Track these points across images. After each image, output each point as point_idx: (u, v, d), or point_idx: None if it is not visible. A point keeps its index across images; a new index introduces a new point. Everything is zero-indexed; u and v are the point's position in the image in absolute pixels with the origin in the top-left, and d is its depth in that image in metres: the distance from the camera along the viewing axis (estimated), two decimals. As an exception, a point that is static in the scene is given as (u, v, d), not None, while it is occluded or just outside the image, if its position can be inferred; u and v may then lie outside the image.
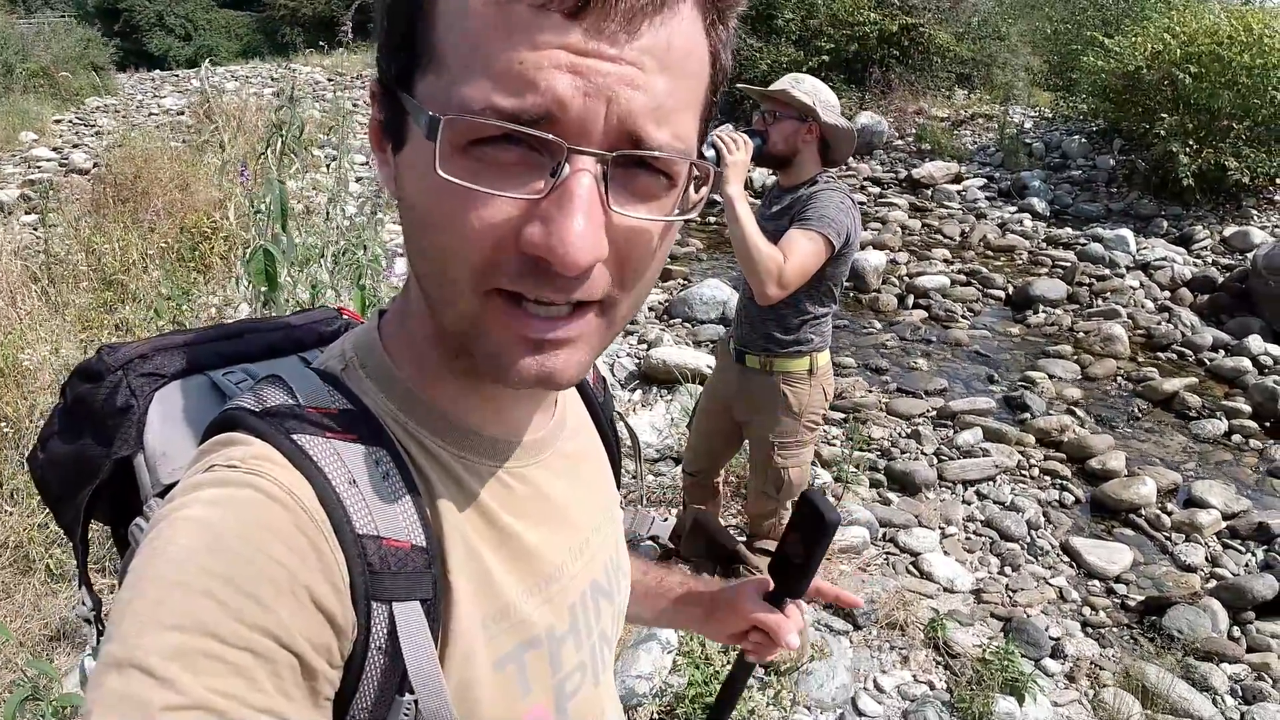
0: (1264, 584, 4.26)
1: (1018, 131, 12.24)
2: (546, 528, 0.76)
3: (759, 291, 2.73)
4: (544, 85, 0.52)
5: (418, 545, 0.64)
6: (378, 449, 0.65)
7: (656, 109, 0.55)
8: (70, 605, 3.37)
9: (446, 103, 0.54)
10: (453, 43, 0.55)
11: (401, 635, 0.62)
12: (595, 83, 0.53)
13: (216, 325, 0.86)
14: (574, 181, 0.54)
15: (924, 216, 10.15)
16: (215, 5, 33.13)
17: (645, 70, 0.55)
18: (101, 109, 13.76)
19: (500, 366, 0.61)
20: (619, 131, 0.55)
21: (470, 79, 0.54)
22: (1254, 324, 7.40)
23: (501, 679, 0.70)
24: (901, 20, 12.95)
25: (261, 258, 2.39)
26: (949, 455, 5.53)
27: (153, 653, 0.50)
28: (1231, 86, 9.30)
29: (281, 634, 0.54)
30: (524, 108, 0.53)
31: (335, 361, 0.72)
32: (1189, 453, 5.81)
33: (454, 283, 0.59)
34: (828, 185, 2.92)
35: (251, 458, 0.60)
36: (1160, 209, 9.71)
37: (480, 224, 0.56)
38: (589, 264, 0.55)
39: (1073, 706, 3.47)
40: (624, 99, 0.54)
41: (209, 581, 0.53)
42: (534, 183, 0.55)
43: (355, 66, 18.57)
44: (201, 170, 7.90)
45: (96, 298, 5.62)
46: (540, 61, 0.52)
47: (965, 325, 7.72)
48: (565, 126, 0.53)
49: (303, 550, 0.57)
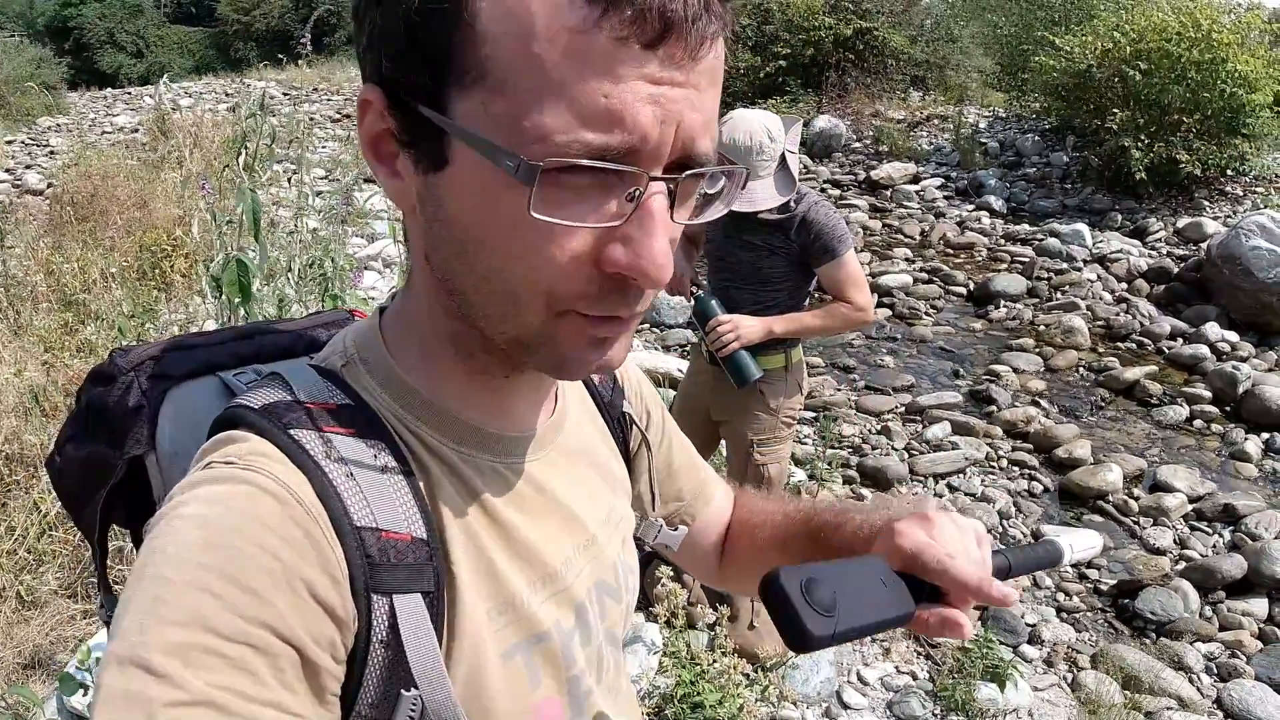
0: (1232, 564, 4.35)
1: (973, 131, 12.40)
2: (549, 524, 0.76)
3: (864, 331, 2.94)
4: (630, 121, 0.53)
5: (418, 537, 0.64)
6: (377, 442, 0.66)
7: (706, 123, 0.58)
8: (44, 632, 3.31)
9: (512, 130, 0.54)
10: (514, 66, 0.54)
11: (403, 628, 0.61)
12: (669, 110, 0.55)
13: (229, 328, 0.85)
14: (653, 204, 0.57)
15: (884, 217, 10.25)
16: (167, 22, 32.85)
17: (702, 91, 0.57)
18: (54, 128, 13.53)
19: (564, 367, 0.64)
20: (682, 150, 0.57)
21: (546, 109, 0.53)
22: (1210, 312, 7.55)
23: (510, 670, 0.70)
24: (856, 24, 13.06)
25: (235, 269, 2.37)
26: (919, 450, 5.60)
27: (153, 650, 0.50)
28: (1181, 81, 9.47)
29: (281, 628, 0.54)
30: (612, 144, 0.54)
31: (336, 357, 0.72)
32: (1152, 439, 5.92)
33: (523, 304, 0.60)
34: (814, 204, 2.91)
35: (248, 454, 0.61)
36: (1114, 203, 9.87)
37: (562, 254, 0.57)
38: (670, 276, 0.58)
39: (1052, 690, 3.52)
40: (687, 121, 0.56)
41: (206, 577, 0.53)
42: (609, 206, 0.57)
43: (311, 80, 18.43)
44: (159, 187, 7.80)
45: (57, 318, 5.52)
46: (624, 96, 0.53)
47: (929, 322, 7.81)
48: (643, 155, 0.55)
49: (300, 544, 0.57)
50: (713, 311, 2.93)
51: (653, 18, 0.52)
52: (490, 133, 0.55)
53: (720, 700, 2.78)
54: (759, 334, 2.91)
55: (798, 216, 2.88)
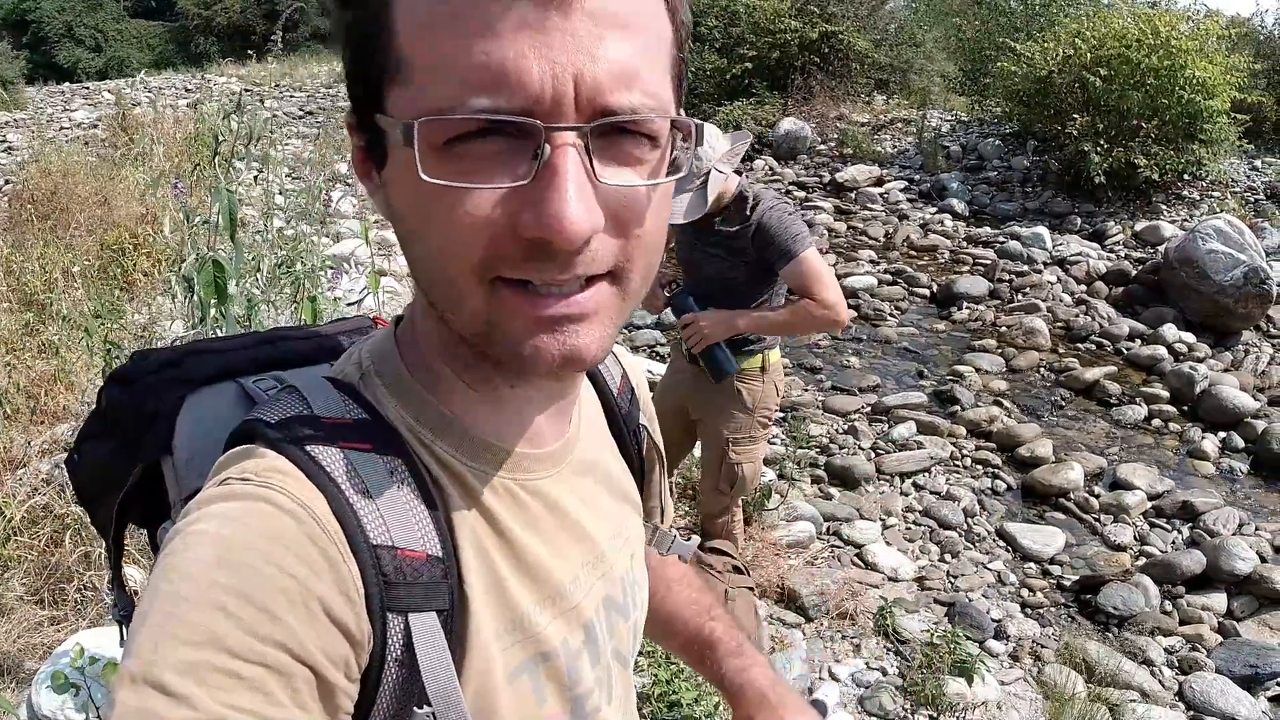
0: (1191, 559, 4.46)
1: (935, 135, 12.53)
2: (559, 542, 0.75)
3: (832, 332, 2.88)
4: (514, 79, 0.53)
5: (433, 555, 0.63)
6: (393, 459, 0.65)
7: (622, 73, 0.55)
8: (11, 639, 3.27)
9: (420, 110, 0.54)
10: (414, 48, 0.55)
11: (418, 646, 0.61)
12: (558, 61, 0.53)
13: (250, 333, 0.85)
14: (558, 158, 0.54)
15: (849, 219, 10.34)
16: (126, 15, 32.25)
17: (602, 38, 0.54)
18: (11, 124, 13.27)
19: (520, 356, 0.60)
20: (591, 103, 0.55)
21: (439, 80, 0.54)
22: (1168, 314, 7.72)
23: (517, 689, 0.69)
24: (821, 28, 13.14)
25: (211, 269, 2.35)
26: (885, 449, 5.67)
27: (167, 669, 0.50)
28: (1140, 88, 9.63)
29: (295, 647, 0.54)
30: (501, 105, 0.53)
31: (352, 370, 0.72)
32: (1112, 438, 6.05)
33: (455, 282, 0.59)
34: (770, 206, 2.92)
35: (264, 470, 0.60)
36: (1074, 206, 10.03)
37: (472, 220, 0.56)
38: (587, 234, 0.55)
39: (1018, 684, 3.59)
40: (588, 72, 0.54)
41: (221, 596, 0.53)
42: (518, 169, 0.55)
43: (273, 76, 18.24)
44: (120, 185, 7.69)
45: (18, 319, 5.43)
46: (505, 51, 0.52)
47: (894, 323, 7.90)
48: (539, 108, 0.53)
49: (315, 562, 0.57)
50: (687, 308, 2.98)
51: None
52: (401, 117, 0.56)
53: (696, 699, 2.81)
54: (724, 329, 2.94)
55: (752, 224, 2.89)
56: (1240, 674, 3.84)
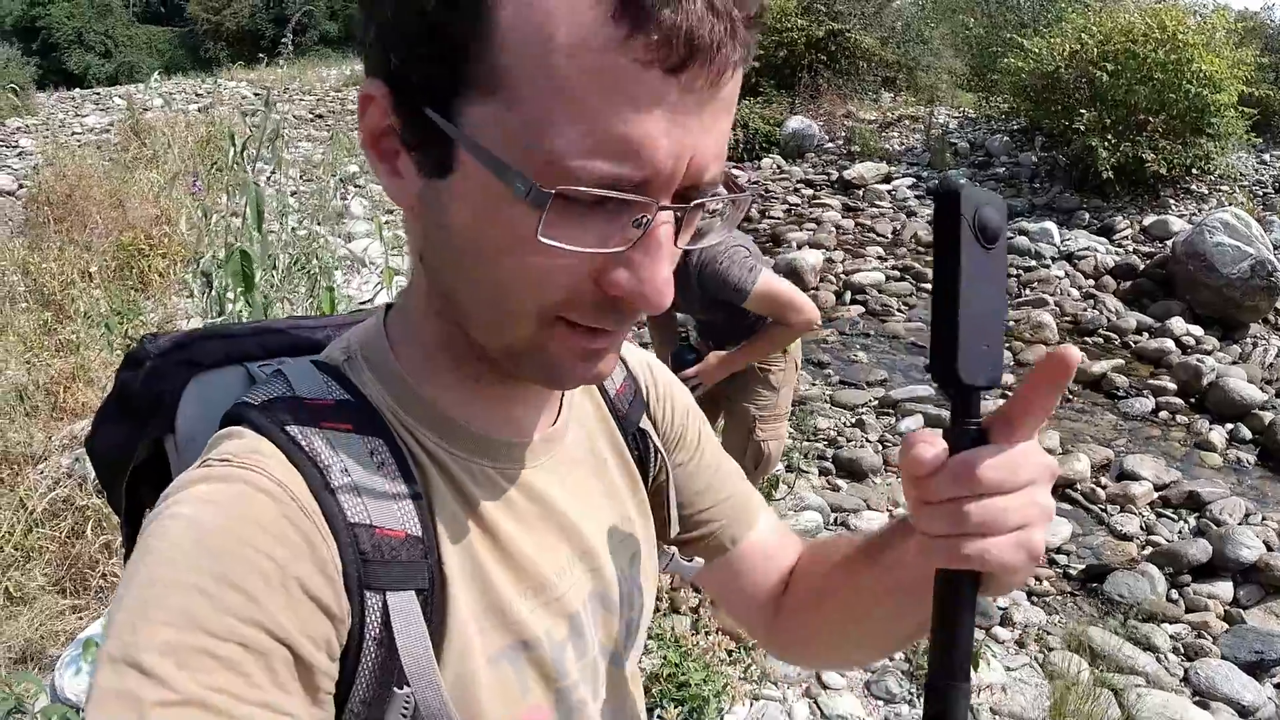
0: (1197, 548, 4.49)
1: (943, 132, 12.54)
2: (542, 532, 0.75)
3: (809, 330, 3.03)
4: (646, 154, 0.53)
5: (412, 535, 0.63)
6: (374, 439, 0.65)
7: (719, 152, 0.58)
8: (34, 626, 3.34)
9: (525, 148, 0.53)
10: (532, 80, 0.52)
11: (395, 624, 0.61)
12: (685, 143, 0.54)
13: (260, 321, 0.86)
14: (660, 232, 0.57)
15: (857, 216, 10.36)
16: (135, 21, 32.46)
17: (718, 119, 0.56)
18: (23, 129, 13.38)
19: (553, 377, 0.65)
20: (692, 177, 0.56)
21: (562, 131, 0.52)
22: (1175, 307, 7.74)
23: (498, 675, 0.69)
24: (828, 26, 13.18)
25: (239, 259, 2.41)
26: (893, 442, 5.71)
27: (145, 650, 0.50)
28: (1147, 82, 9.61)
29: (273, 627, 0.54)
30: (625, 175, 0.53)
31: (339, 353, 0.72)
32: (1119, 430, 6.08)
33: (513, 314, 0.60)
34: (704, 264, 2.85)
35: (244, 451, 0.61)
36: (1082, 202, 10.03)
37: (565, 277, 0.57)
38: (670, 301, 0.58)
39: (1024, 670, 3.63)
40: (701, 150, 0.55)
41: (198, 577, 0.53)
42: (615, 231, 0.56)
43: (282, 80, 18.33)
44: (134, 187, 7.78)
45: (36, 318, 5.52)
46: (644, 126, 0.52)
47: (901, 318, 7.94)
48: (656, 181, 0.54)
49: (293, 542, 0.57)
50: (685, 363, 3.16)
51: (679, 43, 0.51)
52: (501, 148, 0.54)
53: (705, 679, 2.86)
54: (721, 373, 3.13)
55: (693, 281, 2.87)
56: (1246, 660, 3.87)
